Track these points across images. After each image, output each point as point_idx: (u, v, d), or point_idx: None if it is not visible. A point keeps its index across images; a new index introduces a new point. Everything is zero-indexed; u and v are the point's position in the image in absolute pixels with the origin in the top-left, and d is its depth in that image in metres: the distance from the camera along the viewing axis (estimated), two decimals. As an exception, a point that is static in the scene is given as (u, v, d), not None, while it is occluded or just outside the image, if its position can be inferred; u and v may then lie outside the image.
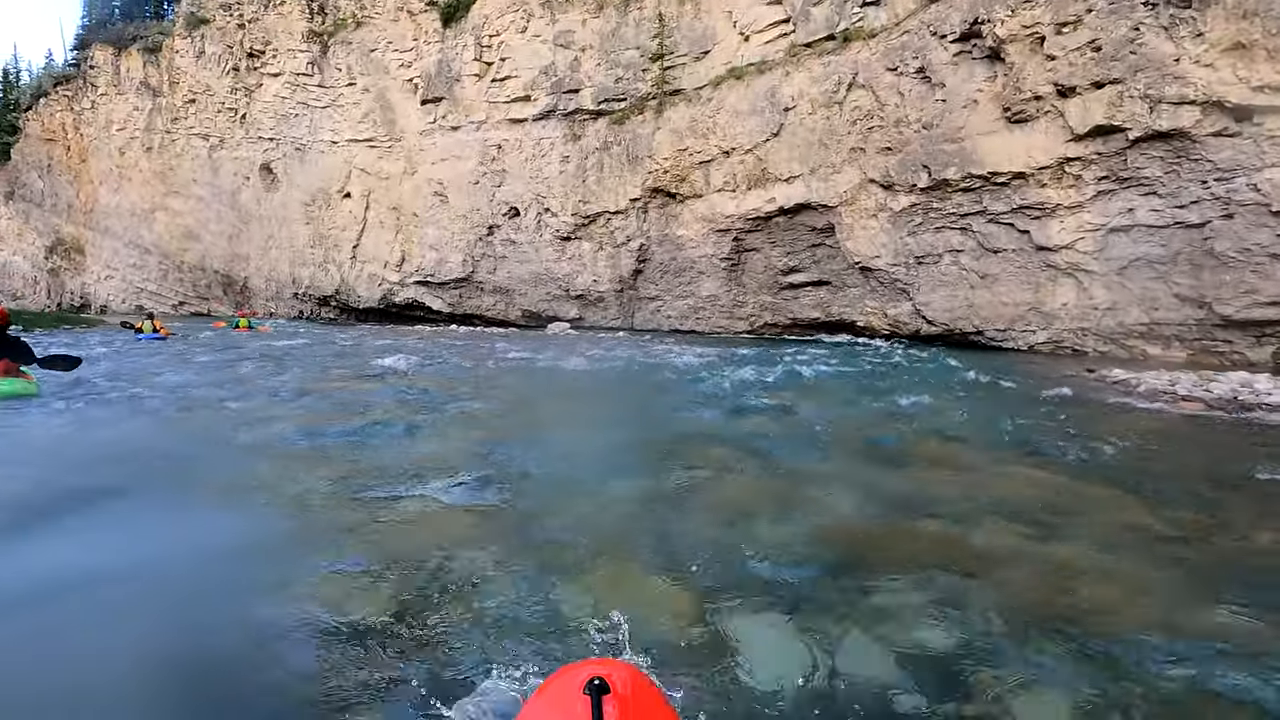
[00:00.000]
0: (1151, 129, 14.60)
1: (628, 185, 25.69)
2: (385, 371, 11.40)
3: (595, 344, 18.81)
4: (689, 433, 6.52)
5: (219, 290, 40.85)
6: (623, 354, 15.11)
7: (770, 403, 8.06)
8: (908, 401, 7.86)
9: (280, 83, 34.88)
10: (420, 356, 14.36)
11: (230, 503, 4.44)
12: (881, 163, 19.41)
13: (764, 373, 10.82)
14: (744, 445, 5.90)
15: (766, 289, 23.64)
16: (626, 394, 9.79)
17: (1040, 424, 6.79)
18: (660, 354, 14.66)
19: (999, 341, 17.97)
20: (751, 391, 9.08)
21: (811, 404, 7.81)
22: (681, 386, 9.55)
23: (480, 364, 13.16)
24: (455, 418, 7.16)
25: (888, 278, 19.94)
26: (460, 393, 8.86)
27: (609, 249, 26.90)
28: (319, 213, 34.57)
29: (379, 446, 5.82)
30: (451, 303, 31.91)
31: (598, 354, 15.03)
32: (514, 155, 28.72)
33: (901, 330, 20.21)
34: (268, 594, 2.92)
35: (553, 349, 16.77)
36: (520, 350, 16.07)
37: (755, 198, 22.41)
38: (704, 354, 15.49)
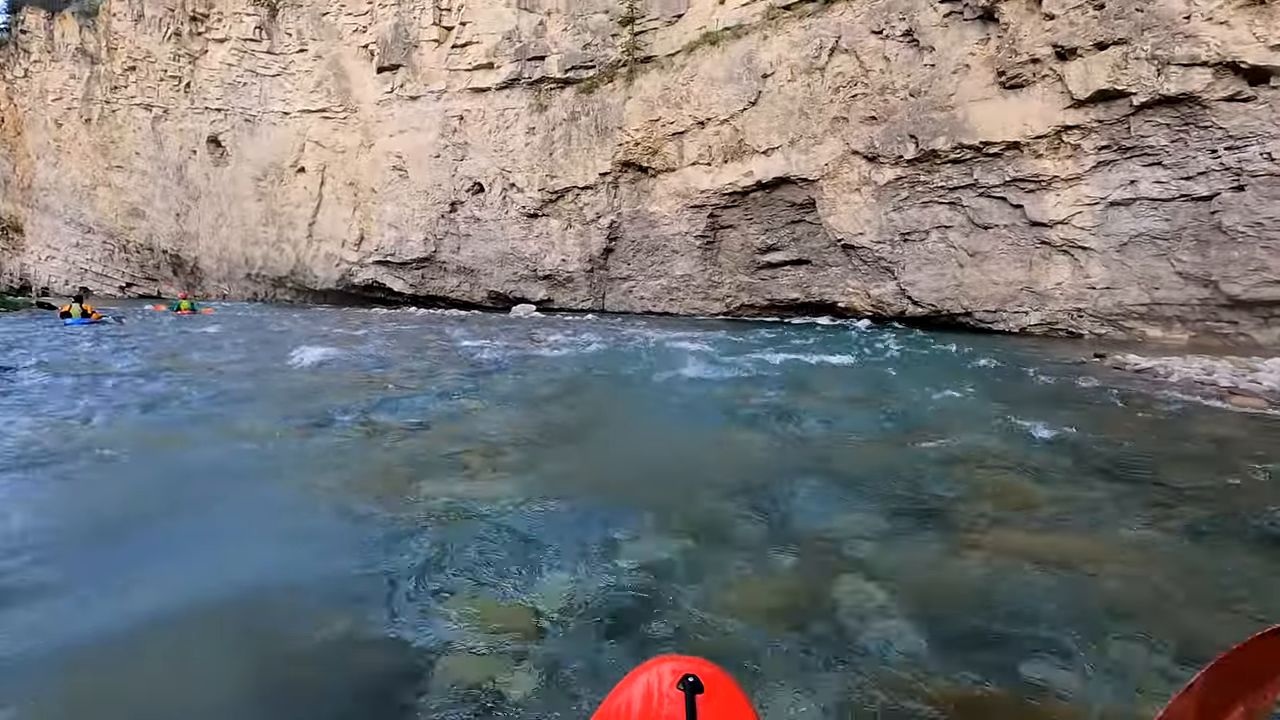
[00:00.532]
0: (1158, 93, 13.37)
1: (597, 158, 23.99)
2: (292, 367, 9.57)
3: (559, 328, 17.26)
4: (688, 475, 4.74)
5: (169, 271, 38.31)
6: (591, 340, 13.61)
7: (774, 403, 6.69)
8: (933, 409, 6.48)
9: (226, 49, 32.29)
10: (348, 347, 12.31)
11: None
12: (865, 133, 18.01)
13: (756, 366, 9.44)
14: (767, 493, 4.36)
15: (743, 268, 22.24)
16: (589, 401, 8.06)
17: (1105, 436, 5.43)
18: (633, 340, 13.20)
19: (989, 323, 16.81)
20: (749, 391, 7.71)
21: (824, 407, 6.38)
22: (667, 387, 8.10)
23: (415, 355, 11.25)
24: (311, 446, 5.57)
25: (871, 256, 18.65)
26: (357, 401, 7.10)
27: (578, 226, 25.24)
28: (271, 188, 32.26)
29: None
30: (414, 284, 30.00)
31: (559, 340, 13.48)
32: (477, 127, 26.78)
33: (885, 311, 18.97)
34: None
35: (509, 335, 15.11)
36: (473, 338, 14.21)
37: (731, 171, 20.90)
38: (681, 340, 14.05)
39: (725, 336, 14.43)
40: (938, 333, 16.73)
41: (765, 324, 20.33)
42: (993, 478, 4.45)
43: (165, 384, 7.89)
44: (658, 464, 4.81)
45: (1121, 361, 9.53)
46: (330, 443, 5.38)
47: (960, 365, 9.63)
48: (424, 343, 12.98)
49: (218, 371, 9.12)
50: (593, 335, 14.71)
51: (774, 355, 11.03)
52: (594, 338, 14.11)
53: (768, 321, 21.24)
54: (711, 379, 8.29)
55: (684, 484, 4.35)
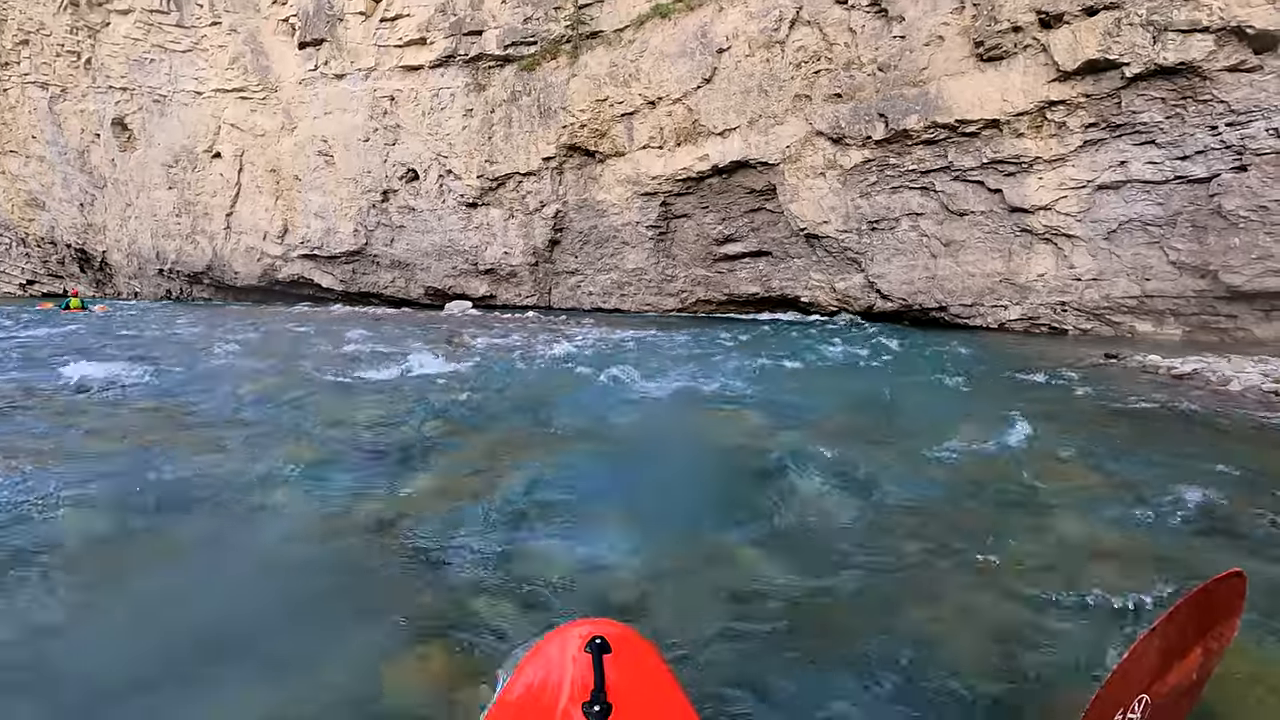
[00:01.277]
0: (1154, 63, 11.90)
1: (540, 142, 21.74)
2: (37, 391, 6.28)
3: (489, 328, 15.02)
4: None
5: (75, 267, 34.44)
6: (516, 344, 11.42)
7: (738, 447, 4.69)
8: (959, 443, 4.56)
9: (130, 22, 28.76)
10: (176, 362, 8.46)
11: None
12: (830, 112, 16.25)
13: (709, 376, 7.46)
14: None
15: (699, 261, 20.34)
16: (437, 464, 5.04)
17: (1207, 480, 3.65)
18: (565, 344, 11.10)
19: (965, 318, 15.27)
20: (702, 421, 5.71)
21: (823, 452, 4.33)
22: (607, 405, 6.00)
23: (252, 377, 7.27)
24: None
25: (837, 246, 16.93)
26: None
27: (521, 216, 22.95)
28: (184, 176, 28.93)
29: None
30: (344, 279, 27.21)
31: (484, 344, 11.24)
32: (409, 109, 24.18)
33: (852, 306, 17.30)
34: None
35: (421, 337, 12.63)
36: (372, 342, 11.14)
37: (685, 155, 18.93)
38: (628, 341, 12.03)
39: (678, 338, 12.46)
40: (909, 329, 15.12)
41: (723, 321, 18.47)
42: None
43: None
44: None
45: (1153, 365, 7.89)
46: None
47: (958, 372, 7.88)
48: (296, 352, 9.77)
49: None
50: (522, 337, 12.53)
51: (731, 358, 9.09)
52: (522, 340, 11.94)
53: (725, 318, 19.39)
54: (655, 397, 6.29)
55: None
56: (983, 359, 9.79)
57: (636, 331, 13.84)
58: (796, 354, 9.61)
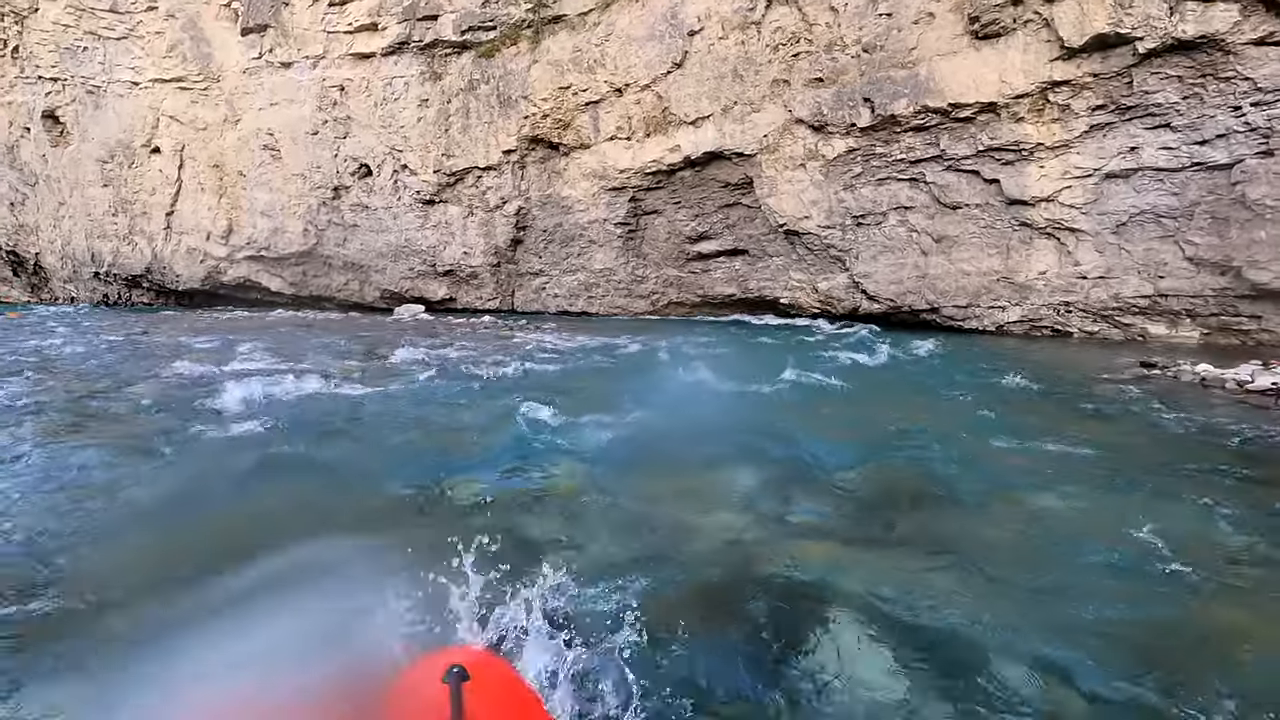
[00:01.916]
0: (1171, 37, 10.56)
1: (500, 134, 19.97)
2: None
3: (434, 335, 13.23)
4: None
5: (7, 271, 31.76)
6: (447, 358, 9.68)
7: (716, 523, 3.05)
8: (1101, 545, 2.95)
9: (60, 7, 26.34)
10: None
11: None
12: (811, 97, 14.76)
13: (700, 394, 5.84)
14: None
15: (671, 260, 18.73)
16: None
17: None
18: (513, 354, 9.37)
19: (959, 320, 13.85)
20: (653, 470, 4.07)
21: (851, 531, 2.68)
22: (501, 469, 4.25)
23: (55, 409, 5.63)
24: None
25: (819, 243, 15.44)
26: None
27: (481, 214, 21.15)
28: (120, 172, 26.57)
29: None
30: (294, 282, 25.12)
31: (405, 359, 9.41)
32: (360, 99, 22.25)
33: (835, 308, 15.82)
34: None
35: (332, 352, 10.72)
36: (268, 356, 9.06)
37: (655, 146, 17.33)
38: (591, 352, 10.37)
39: (643, 346, 10.82)
40: (898, 332, 13.66)
41: (697, 325, 16.88)
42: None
43: None
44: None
45: (1213, 379, 6.45)
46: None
47: (983, 388, 6.38)
48: (124, 372, 7.79)
49: None
50: (461, 348, 10.75)
51: (708, 373, 7.47)
52: (459, 352, 10.18)
53: (700, 321, 17.81)
54: (586, 450, 4.61)
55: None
56: (985, 366, 8.30)
57: (600, 338, 12.18)
58: (778, 366, 8.02)
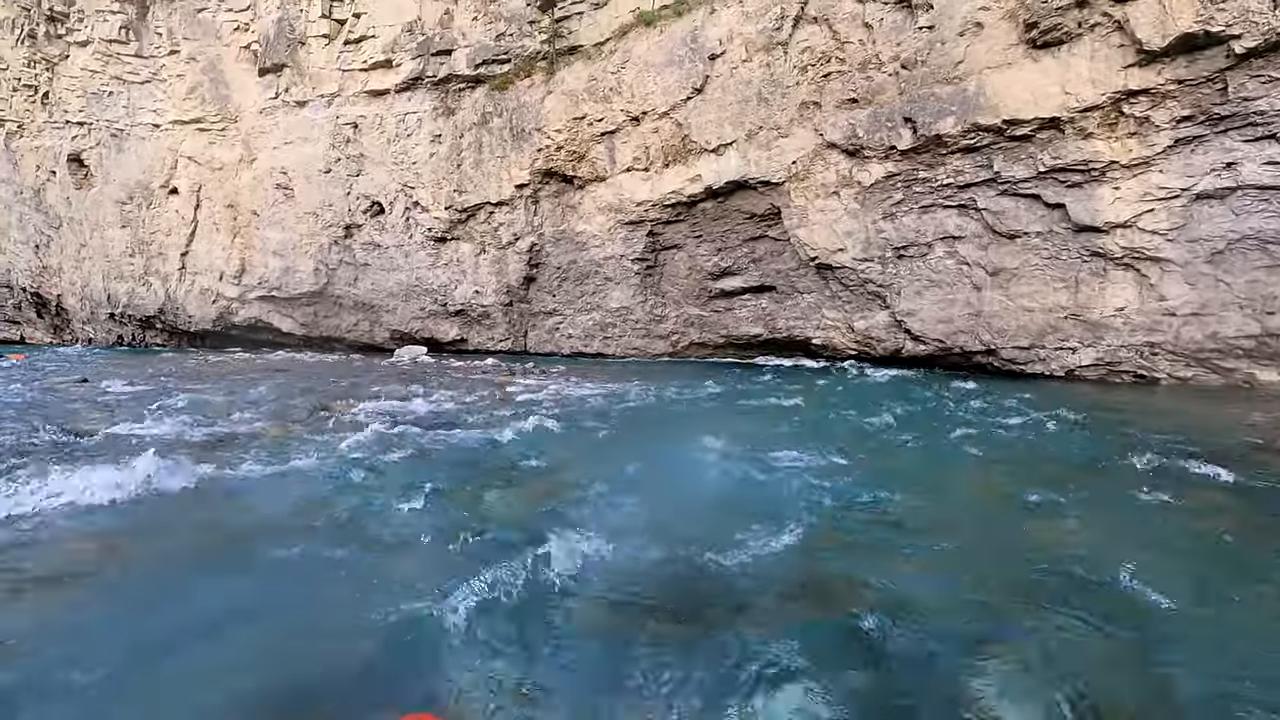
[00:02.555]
0: (1276, 33, 8.90)
1: (512, 168, 18.87)
2: None
3: (421, 381, 11.73)
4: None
5: (31, 312, 31.49)
6: (418, 414, 8.14)
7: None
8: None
9: (89, 54, 26.40)
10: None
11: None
12: (844, 120, 13.30)
13: (728, 477, 4.21)
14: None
15: (692, 298, 17.20)
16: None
17: None
18: (502, 409, 7.77)
19: (1021, 364, 11.98)
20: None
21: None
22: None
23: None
24: None
25: (855, 278, 13.79)
26: None
27: (493, 251, 19.96)
28: (138, 213, 26.15)
29: None
30: (304, 323, 24.12)
31: (369, 413, 7.87)
32: (373, 136, 21.47)
33: (874, 350, 14.06)
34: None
35: (254, 410, 8.84)
36: (156, 414, 7.21)
37: (674, 177, 15.98)
38: (596, 405, 8.78)
39: (660, 393, 9.19)
40: (948, 376, 11.84)
41: (720, 367, 15.21)
42: None
43: None
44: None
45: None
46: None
47: (1127, 452, 4.63)
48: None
49: None
50: (440, 401, 9.21)
51: (736, 440, 5.79)
52: (436, 407, 8.63)
53: (724, 364, 16.15)
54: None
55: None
56: (1100, 426, 6.48)
57: (610, 385, 10.59)
58: (821, 424, 6.31)
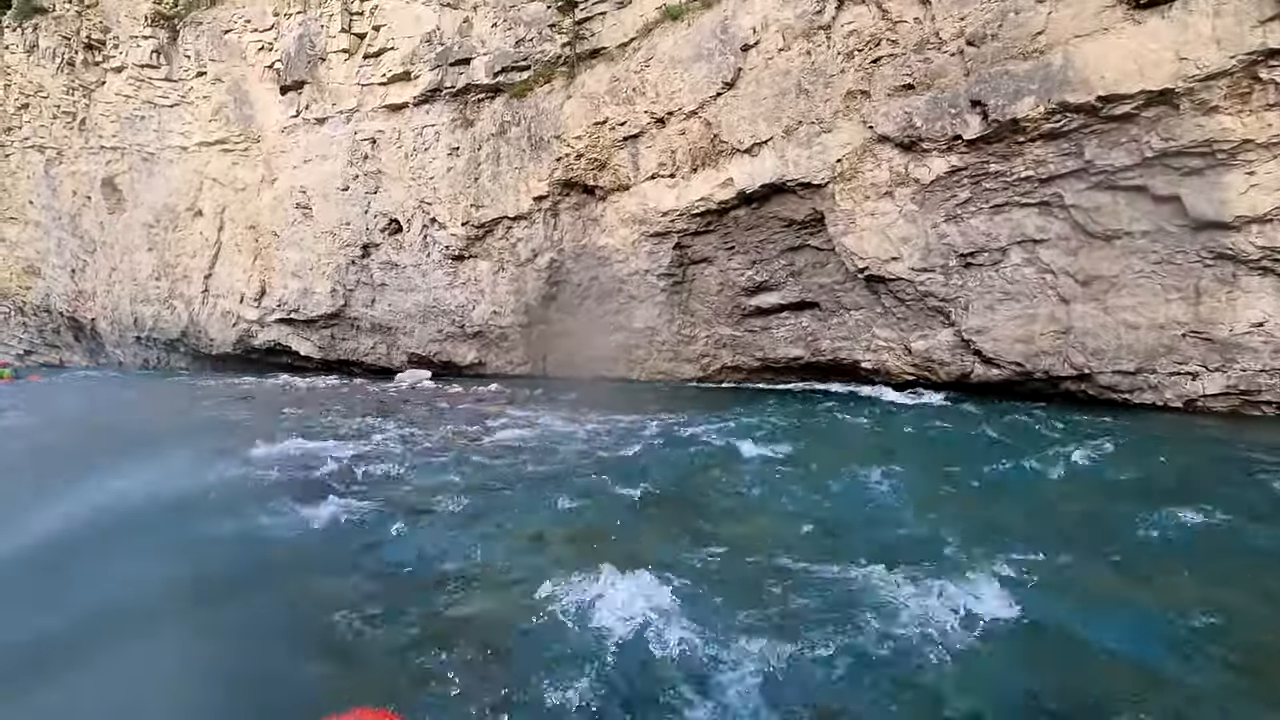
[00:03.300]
0: None
1: (530, 179, 17.43)
2: None
3: (393, 415, 10.11)
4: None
5: (70, 336, 31.46)
6: (355, 460, 6.45)
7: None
8: None
9: (123, 79, 26.27)
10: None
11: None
12: (898, 109, 11.39)
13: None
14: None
15: (724, 317, 15.33)
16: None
17: None
18: (475, 456, 6.06)
19: (1124, 391, 9.73)
20: None
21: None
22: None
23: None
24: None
25: (912, 291, 11.74)
26: None
27: (511, 268, 18.49)
28: (165, 236, 25.67)
29: None
30: (322, 346, 23.04)
31: (284, 455, 6.16)
32: (391, 151, 20.38)
33: (935, 374, 11.93)
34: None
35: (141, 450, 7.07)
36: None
37: (703, 182, 14.24)
38: (598, 447, 7.01)
39: (685, 429, 7.33)
40: (1029, 405, 9.68)
41: (759, 394, 13.26)
42: None
43: None
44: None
45: None
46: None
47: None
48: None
49: None
50: (407, 441, 7.54)
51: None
52: (391, 448, 6.94)
53: (761, 390, 14.19)
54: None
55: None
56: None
57: (625, 419, 8.80)
58: (996, 491, 4.37)
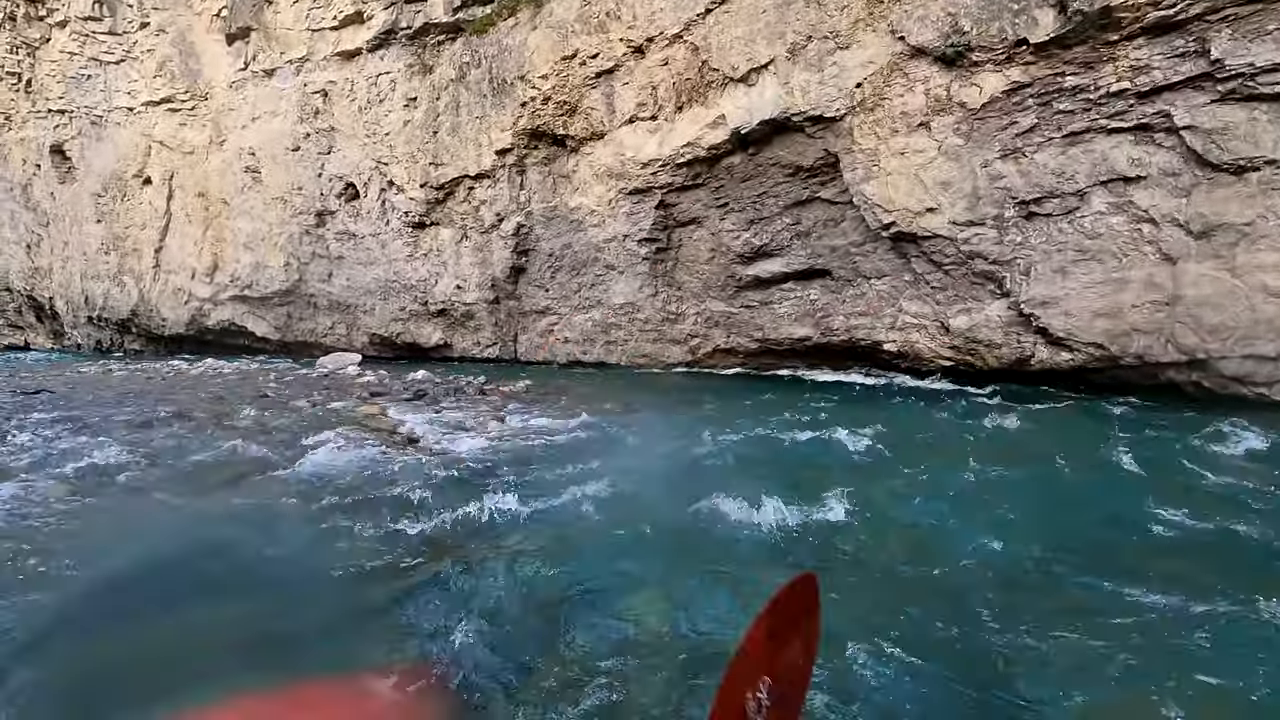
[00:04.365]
0: None
1: (492, 130, 14.72)
2: None
3: (232, 434, 7.48)
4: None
5: (32, 316, 29.21)
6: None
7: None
8: None
9: (67, 34, 23.67)
10: None
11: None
12: (939, 9, 8.54)
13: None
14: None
15: (716, 290, 12.63)
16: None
17: None
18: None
19: (1259, 384, 6.97)
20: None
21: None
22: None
23: None
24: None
25: (954, 252, 8.98)
26: None
27: (475, 236, 15.84)
28: (113, 206, 23.22)
29: None
30: (279, 326, 20.56)
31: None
32: (344, 105, 17.69)
33: (981, 360, 9.19)
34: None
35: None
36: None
37: (690, 124, 11.46)
38: (531, 472, 4.39)
39: (662, 449, 4.75)
40: (1111, 399, 6.98)
41: (755, 383, 10.60)
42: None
43: None
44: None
45: None
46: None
47: None
48: None
49: None
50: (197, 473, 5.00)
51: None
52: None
53: (760, 378, 11.52)
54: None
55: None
56: None
57: (575, 423, 6.20)
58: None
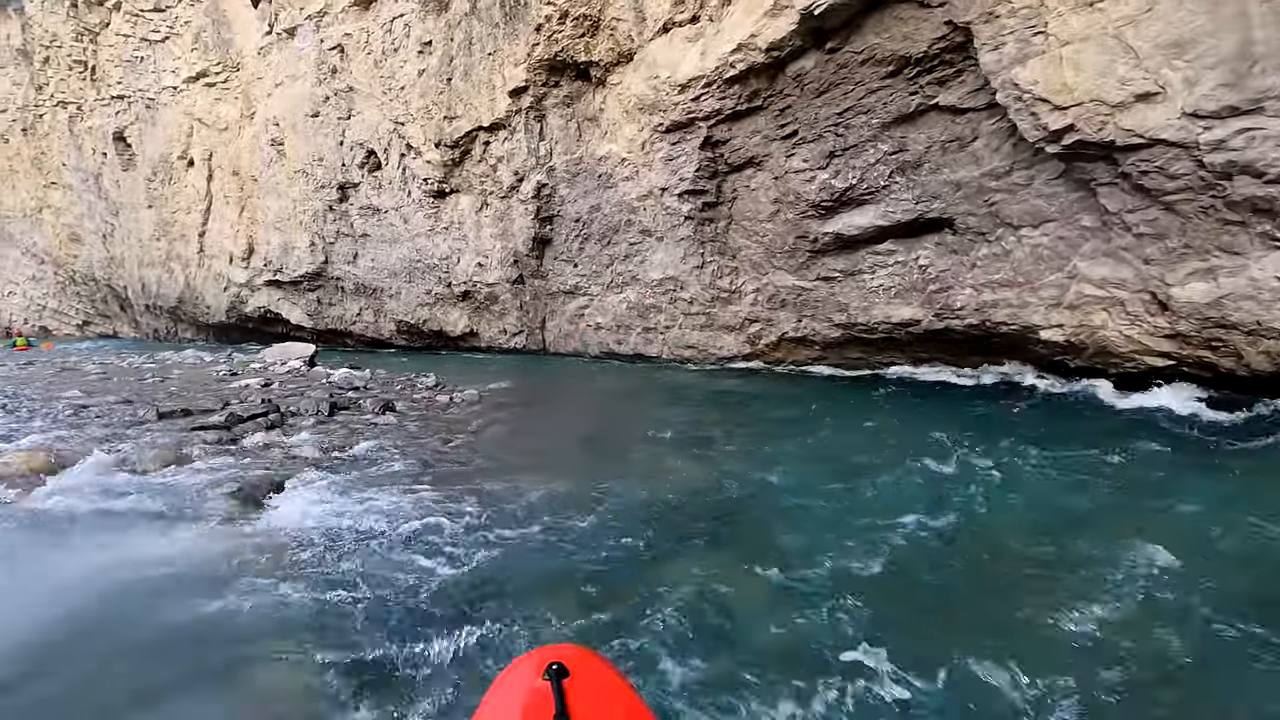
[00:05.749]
0: None
1: (506, 65, 11.79)
2: None
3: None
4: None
5: (116, 306, 29.66)
6: None
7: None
8: None
9: (122, 17, 23.01)
10: None
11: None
12: None
13: None
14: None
15: (781, 256, 9.12)
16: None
17: None
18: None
19: None
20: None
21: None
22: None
23: None
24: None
25: (1189, 171, 5.11)
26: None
27: (495, 203, 13.08)
28: (161, 190, 22.42)
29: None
30: (310, 312, 18.82)
31: None
32: (360, 60, 15.38)
33: (1237, 355, 5.29)
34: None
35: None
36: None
37: (742, 15, 8.01)
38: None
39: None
40: None
41: (857, 388, 7.15)
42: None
43: None
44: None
45: None
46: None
47: None
48: None
49: None
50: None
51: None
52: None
53: (860, 381, 8.02)
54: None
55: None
56: None
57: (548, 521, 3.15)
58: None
